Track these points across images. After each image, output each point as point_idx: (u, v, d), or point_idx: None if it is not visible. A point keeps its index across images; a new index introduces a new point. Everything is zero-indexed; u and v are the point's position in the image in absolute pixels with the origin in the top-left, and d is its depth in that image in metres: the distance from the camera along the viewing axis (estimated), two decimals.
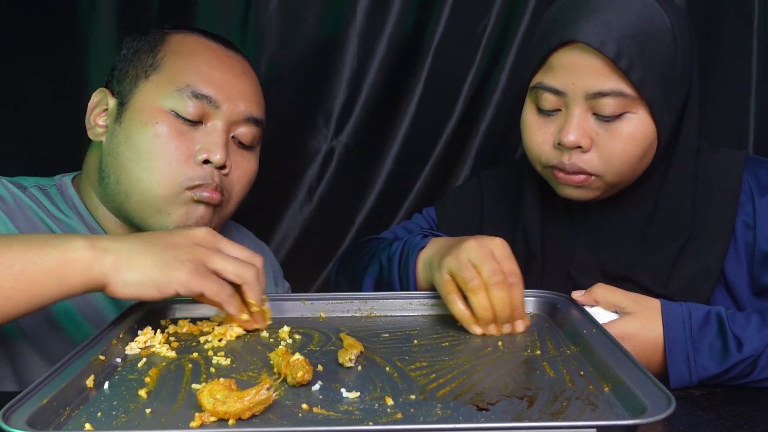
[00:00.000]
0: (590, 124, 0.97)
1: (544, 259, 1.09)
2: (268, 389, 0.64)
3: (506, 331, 0.89)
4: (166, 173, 0.99)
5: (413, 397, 0.69)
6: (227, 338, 0.86)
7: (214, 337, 0.86)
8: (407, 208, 1.59)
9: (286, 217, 1.61)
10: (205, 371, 0.77)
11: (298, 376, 0.71)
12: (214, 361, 0.80)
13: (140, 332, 0.86)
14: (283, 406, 0.67)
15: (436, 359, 0.79)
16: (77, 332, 0.98)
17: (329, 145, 1.58)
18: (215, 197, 1.01)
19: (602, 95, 0.94)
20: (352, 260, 1.23)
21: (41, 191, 1.04)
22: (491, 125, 1.57)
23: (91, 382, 0.72)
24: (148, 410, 0.66)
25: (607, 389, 0.70)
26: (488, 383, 0.72)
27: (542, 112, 1.00)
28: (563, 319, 0.90)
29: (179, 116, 1.00)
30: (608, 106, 0.95)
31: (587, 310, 0.91)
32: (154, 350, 0.82)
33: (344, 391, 0.70)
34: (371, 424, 0.63)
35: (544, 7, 1.48)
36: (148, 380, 0.73)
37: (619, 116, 0.96)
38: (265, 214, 1.59)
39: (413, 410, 0.66)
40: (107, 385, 0.72)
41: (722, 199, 1.03)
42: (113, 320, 0.87)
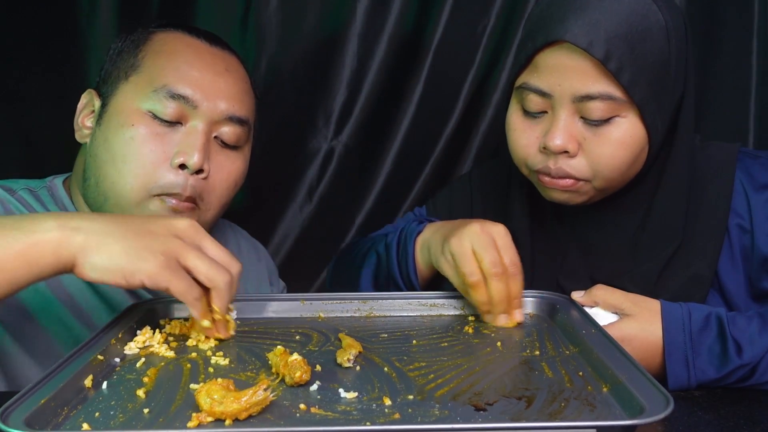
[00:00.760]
0: (577, 127, 0.93)
1: (533, 265, 1.07)
2: (265, 390, 0.64)
3: (501, 322, 0.89)
4: (138, 177, 0.97)
5: (411, 397, 0.69)
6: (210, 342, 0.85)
7: (196, 338, 0.85)
8: (407, 208, 1.58)
9: (286, 217, 1.61)
10: (203, 371, 0.77)
11: (296, 376, 0.71)
12: (212, 361, 0.79)
13: (139, 332, 0.86)
14: (280, 406, 0.67)
15: (434, 359, 0.79)
16: (54, 323, 0.96)
17: (329, 145, 1.58)
18: (183, 206, 0.98)
19: (590, 98, 0.90)
20: (346, 258, 1.23)
21: (31, 194, 1.03)
22: (491, 125, 1.57)
23: (89, 382, 0.72)
24: (146, 410, 0.66)
25: (605, 389, 0.70)
26: (486, 383, 0.72)
27: (527, 113, 0.96)
28: (562, 319, 0.90)
29: (156, 117, 0.98)
30: (596, 109, 0.90)
31: (587, 311, 0.91)
32: (152, 350, 0.82)
33: (342, 391, 0.70)
34: (369, 424, 0.63)
35: None
36: (146, 380, 0.73)
37: (607, 120, 0.91)
38: (265, 214, 1.59)
39: (411, 410, 0.66)
40: (105, 385, 0.72)
41: (714, 202, 1.00)
42: (112, 320, 0.87)
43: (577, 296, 0.94)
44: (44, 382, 0.68)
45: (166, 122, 0.99)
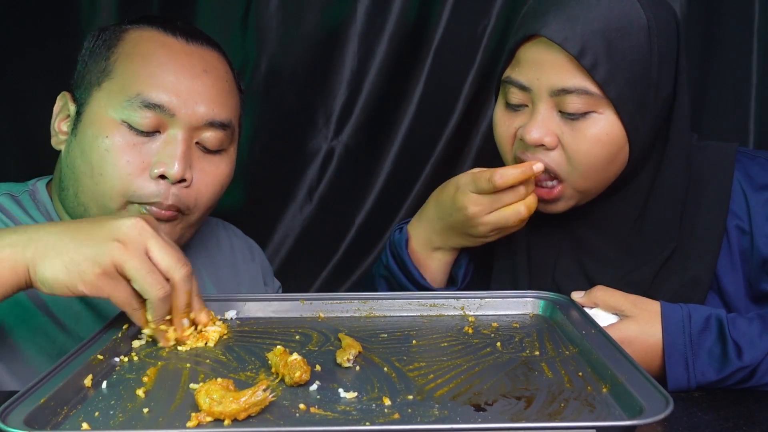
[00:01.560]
0: (555, 121, 0.94)
1: (529, 263, 1.07)
2: (264, 390, 0.64)
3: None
4: (116, 188, 0.94)
5: (411, 397, 0.69)
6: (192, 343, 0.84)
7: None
8: (407, 208, 1.58)
9: (286, 217, 1.61)
10: (203, 371, 0.77)
11: (295, 376, 0.71)
12: (212, 360, 0.79)
13: (140, 332, 0.86)
14: (280, 406, 0.67)
15: (434, 360, 0.79)
16: (33, 334, 0.96)
17: (329, 145, 1.58)
18: (165, 214, 0.96)
19: (566, 92, 0.91)
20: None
21: (11, 199, 1.01)
22: (491, 125, 1.56)
23: (89, 381, 0.72)
24: (145, 410, 0.66)
25: (605, 390, 0.70)
26: (486, 384, 0.72)
27: (509, 106, 0.99)
28: (562, 319, 0.90)
29: (132, 128, 0.94)
30: (573, 103, 0.92)
31: (587, 312, 0.91)
32: (152, 350, 0.82)
33: (342, 391, 0.70)
34: (368, 424, 0.63)
35: None
36: (146, 380, 0.73)
37: (584, 115, 0.92)
38: (265, 214, 1.59)
39: (411, 410, 0.66)
40: (105, 384, 0.72)
41: (712, 203, 1.00)
42: (112, 320, 0.87)
43: (577, 297, 0.94)
44: (44, 381, 0.68)
45: (143, 132, 0.95)
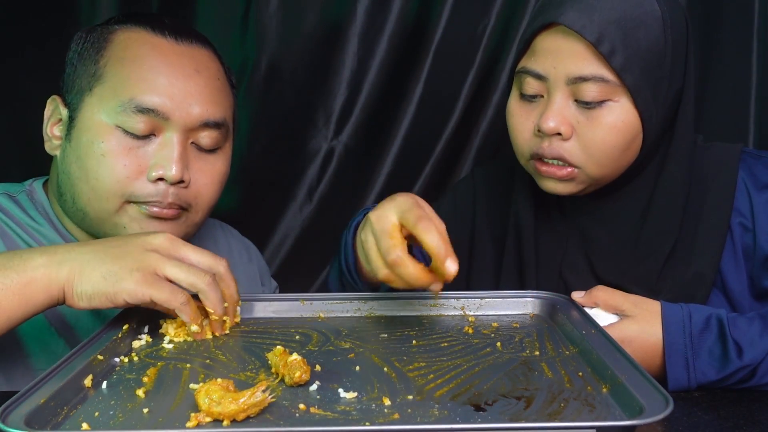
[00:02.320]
0: (571, 110, 0.95)
1: (537, 258, 1.08)
2: (263, 391, 0.64)
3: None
4: (114, 191, 0.94)
5: (411, 397, 0.69)
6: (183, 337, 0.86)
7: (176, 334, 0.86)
8: None
9: (286, 217, 1.61)
10: (203, 371, 0.77)
11: (295, 376, 0.71)
12: (212, 360, 0.79)
13: (140, 332, 0.86)
14: (280, 406, 0.67)
15: (434, 360, 0.79)
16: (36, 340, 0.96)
17: (329, 145, 1.58)
18: (167, 213, 0.96)
19: (583, 80, 0.92)
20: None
21: (9, 199, 1.01)
22: (491, 125, 1.57)
23: (89, 381, 0.72)
24: (145, 410, 0.66)
25: (605, 390, 0.70)
26: (486, 384, 0.72)
27: (524, 97, 0.99)
28: (562, 319, 0.90)
29: (128, 133, 0.94)
30: (589, 92, 0.92)
31: (587, 312, 0.91)
32: (152, 350, 0.82)
33: (342, 391, 0.70)
34: (368, 424, 0.63)
35: None
36: (146, 380, 0.73)
37: (600, 104, 0.93)
38: (265, 214, 1.59)
39: (410, 410, 0.66)
40: (105, 384, 0.72)
41: (716, 201, 1.00)
42: (112, 320, 0.87)
43: (577, 297, 0.94)
44: (44, 381, 0.68)
45: (137, 136, 0.94)
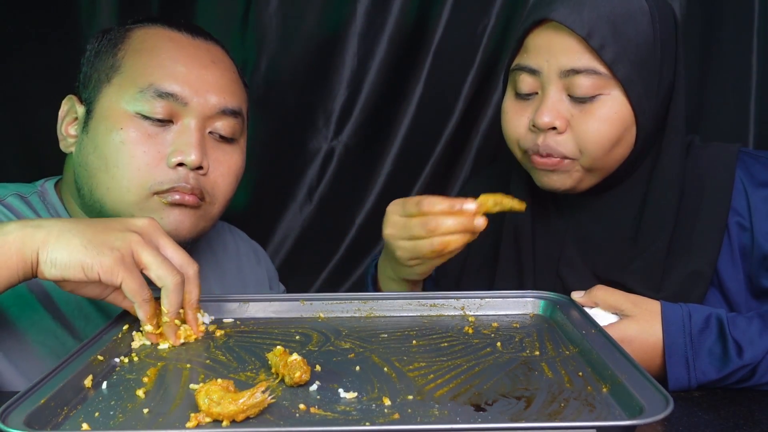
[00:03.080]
0: (565, 105, 0.97)
1: (534, 257, 1.09)
2: (263, 392, 0.64)
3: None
4: (135, 179, 0.95)
5: (411, 397, 0.69)
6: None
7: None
8: None
9: (286, 217, 1.61)
10: (203, 371, 0.77)
11: (295, 376, 0.71)
12: (212, 361, 0.79)
13: (140, 332, 0.86)
14: (280, 406, 0.67)
15: (434, 360, 0.79)
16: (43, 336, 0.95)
17: (329, 145, 1.58)
18: (189, 200, 0.96)
19: (576, 72, 0.94)
20: None
21: (21, 200, 1.00)
22: (491, 125, 1.57)
23: (89, 381, 0.72)
24: (145, 410, 0.66)
25: (605, 390, 0.70)
26: (486, 384, 0.72)
27: (519, 95, 1.01)
28: (562, 319, 0.90)
29: (147, 118, 0.95)
30: (582, 85, 0.95)
31: (587, 312, 0.91)
32: (152, 350, 0.82)
33: (342, 391, 0.70)
34: (368, 424, 0.63)
35: None
36: (146, 380, 0.73)
37: (593, 97, 0.95)
38: (265, 214, 1.59)
39: (410, 410, 0.66)
40: (105, 384, 0.72)
41: (714, 199, 1.01)
42: (112, 320, 0.87)
43: (577, 297, 0.94)
44: (44, 382, 0.68)
45: (157, 122, 0.96)
